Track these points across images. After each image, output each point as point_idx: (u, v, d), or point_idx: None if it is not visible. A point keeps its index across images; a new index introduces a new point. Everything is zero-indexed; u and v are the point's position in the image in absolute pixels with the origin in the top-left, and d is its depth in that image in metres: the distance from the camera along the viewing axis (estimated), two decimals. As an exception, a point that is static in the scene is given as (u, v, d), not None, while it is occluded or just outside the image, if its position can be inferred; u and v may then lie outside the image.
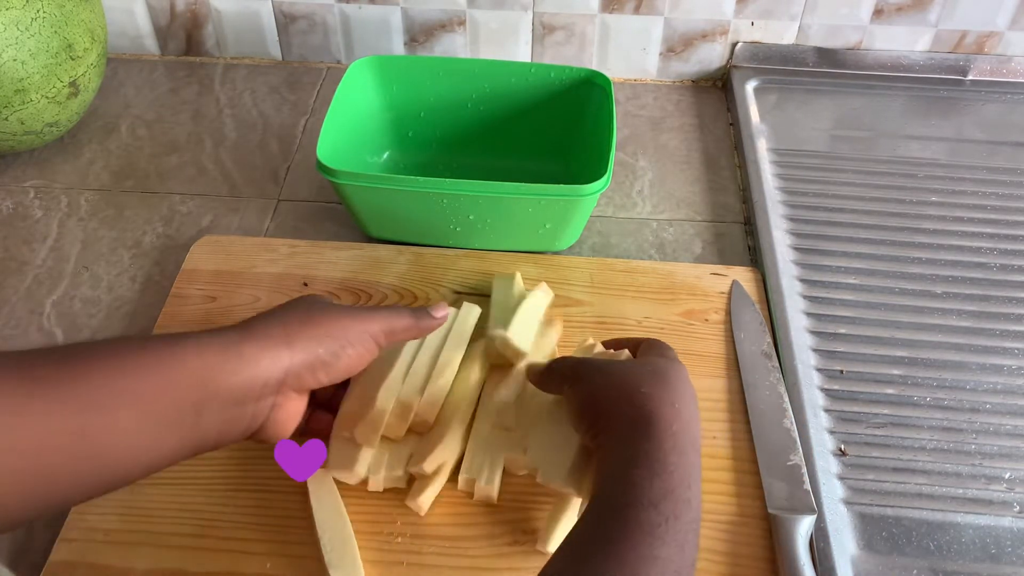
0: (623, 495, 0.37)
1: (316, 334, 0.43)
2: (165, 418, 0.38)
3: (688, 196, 0.71)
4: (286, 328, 0.43)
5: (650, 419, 0.40)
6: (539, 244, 0.64)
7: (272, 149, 0.75)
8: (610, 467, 0.40)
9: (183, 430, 0.39)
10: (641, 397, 0.41)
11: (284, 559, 0.47)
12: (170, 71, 0.84)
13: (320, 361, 0.43)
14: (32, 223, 0.68)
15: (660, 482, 0.37)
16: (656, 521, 0.36)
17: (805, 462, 0.51)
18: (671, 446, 0.39)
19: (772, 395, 0.55)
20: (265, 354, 0.41)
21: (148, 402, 0.37)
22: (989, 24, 0.78)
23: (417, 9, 0.79)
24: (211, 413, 0.40)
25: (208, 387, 0.39)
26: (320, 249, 0.64)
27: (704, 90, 0.83)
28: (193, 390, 0.39)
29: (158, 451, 0.38)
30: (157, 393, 0.38)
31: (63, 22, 0.65)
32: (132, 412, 0.37)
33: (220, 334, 0.41)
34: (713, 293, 0.61)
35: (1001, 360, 0.58)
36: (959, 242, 0.66)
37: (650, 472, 0.38)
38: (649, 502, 0.37)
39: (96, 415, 0.36)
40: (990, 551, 0.49)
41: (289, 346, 0.42)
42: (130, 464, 0.38)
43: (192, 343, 0.40)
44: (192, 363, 0.39)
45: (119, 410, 0.36)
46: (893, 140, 0.75)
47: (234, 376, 0.40)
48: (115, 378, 0.37)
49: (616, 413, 0.42)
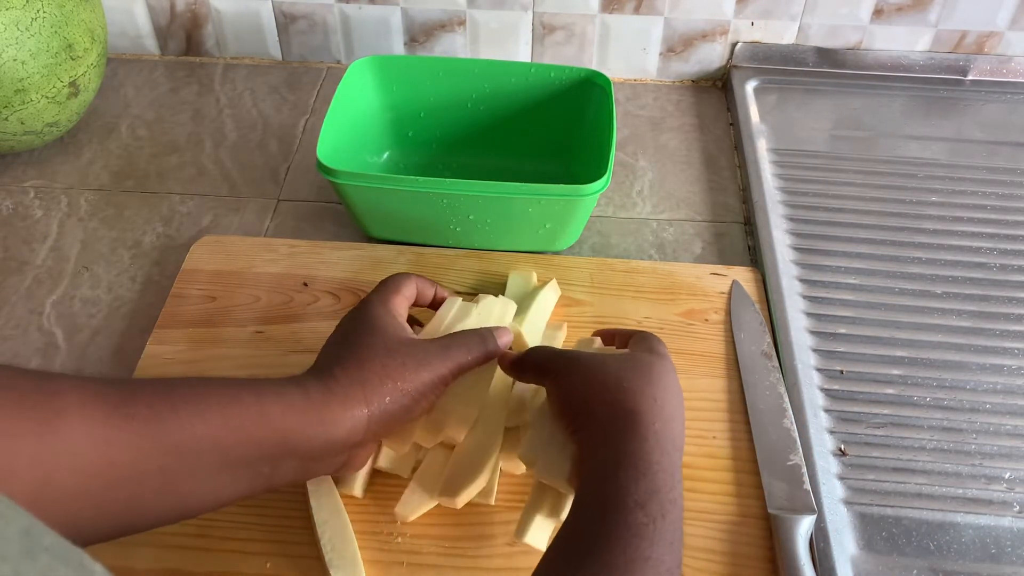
0: (610, 497, 0.37)
1: (393, 390, 0.43)
2: (243, 468, 0.39)
3: (688, 196, 0.71)
4: (363, 386, 0.42)
5: (632, 415, 0.40)
6: (539, 244, 0.64)
7: (272, 149, 0.75)
8: (594, 466, 0.39)
9: (258, 479, 0.40)
10: (622, 392, 0.41)
11: (284, 559, 0.47)
12: (170, 71, 0.84)
13: (396, 419, 0.43)
14: (32, 223, 0.68)
15: (646, 482, 0.37)
16: (644, 522, 0.36)
17: (805, 462, 0.51)
18: (654, 444, 0.39)
19: (772, 395, 0.55)
20: (347, 416, 0.41)
21: (228, 451, 0.38)
22: (989, 24, 0.78)
23: (417, 9, 0.79)
24: (288, 466, 0.41)
25: (288, 444, 0.40)
26: (320, 249, 0.64)
27: (704, 90, 0.83)
28: (274, 447, 0.39)
29: (230, 495, 0.40)
30: (238, 445, 0.38)
31: (63, 22, 0.65)
32: (213, 459, 0.38)
33: (304, 390, 0.41)
34: (713, 293, 0.61)
35: (1001, 360, 0.58)
36: (959, 242, 0.66)
37: (636, 472, 0.38)
38: (636, 503, 0.36)
39: (181, 459, 0.37)
40: (990, 551, 0.49)
41: (368, 405, 0.42)
42: (202, 503, 0.39)
43: (276, 397, 0.40)
44: (275, 421, 0.39)
45: (203, 456, 0.37)
46: (893, 140, 0.75)
47: (315, 438, 0.40)
48: (202, 427, 0.37)
49: (597, 408, 0.41)
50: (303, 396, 0.41)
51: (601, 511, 0.37)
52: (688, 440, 0.52)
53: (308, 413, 0.40)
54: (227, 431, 0.38)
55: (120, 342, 0.59)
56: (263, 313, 0.60)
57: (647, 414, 0.40)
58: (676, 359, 0.56)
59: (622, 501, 0.36)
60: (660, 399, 0.41)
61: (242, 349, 0.57)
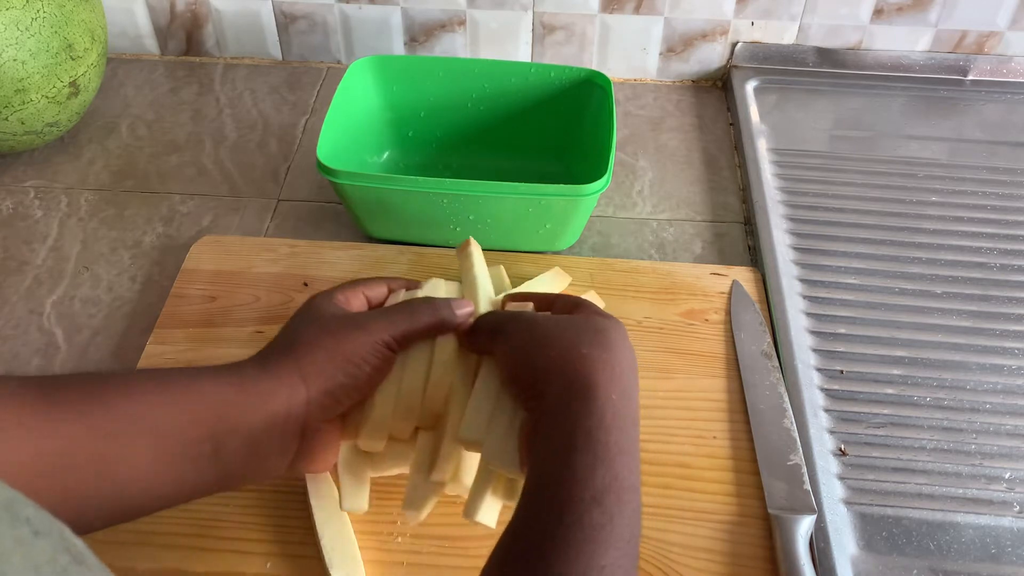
0: (564, 489, 0.34)
1: (328, 359, 0.41)
2: (181, 450, 0.38)
3: (688, 196, 0.71)
4: (297, 360, 0.41)
5: (589, 385, 0.37)
6: (539, 244, 0.64)
7: (272, 149, 0.75)
8: (549, 447, 0.36)
9: (200, 463, 0.38)
10: (580, 358, 0.38)
11: (284, 559, 0.47)
12: (170, 71, 0.84)
13: (340, 386, 0.41)
14: (32, 223, 0.68)
15: (603, 469, 0.34)
16: (600, 522, 0.33)
17: (805, 462, 0.51)
18: (612, 421, 0.36)
19: (772, 395, 0.55)
20: (282, 390, 0.40)
21: (164, 434, 0.37)
22: (989, 24, 0.78)
23: (417, 9, 0.79)
24: (230, 448, 0.39)
25: (226, 422, 0.39)
26: (320, 249, 0.64)
27: (704, 90, 0.83)
28: (210, 424, 0.38)
29: (176, 483, 0.38)
30: (173, 425, 0.37)
31: (63, 22, 0.65)
32: (149, 441, 0.37)
33: (238, 369, 0.41)
34: (713, 293, 0.61)
35: (1001, 360, 0.58)
36: (959, 242, 0.66)
37: (593, 457, 0.35)
38: (592, 498, 0.34)
39: (114, 442, 0.36)
40: (990, 551, 0.49)
41: (304, 378, 0.41)
42: (149, 493, 0.38)
43: (210, 377, 0.39)
44: (209, 397, 0.39)
45: (136, 439, 0.36)
46: (893, 140, 0.75)
47: (252, 412, 0.39)
48: (133, 408, 0.37)
49: (554, 377, 0.38)
50: (236, 373, 0.40)
51: (554, 508, 0.34)
52: (688, 440, 0.52)
53: (243, 387, 0.39)
54: (160, 410, 0.37)
55: (120, 342, 0.59)
56: (263, 313, 0.60)
57: (604, 386, 0.37)
58: (676, 359, 0.57)
59: (578, 496, 0.34)
60: (618, 368, 0.38)
61: (242, 349, 0.57)
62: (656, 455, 0.51)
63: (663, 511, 0.49)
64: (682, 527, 0.48)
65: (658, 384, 0.55)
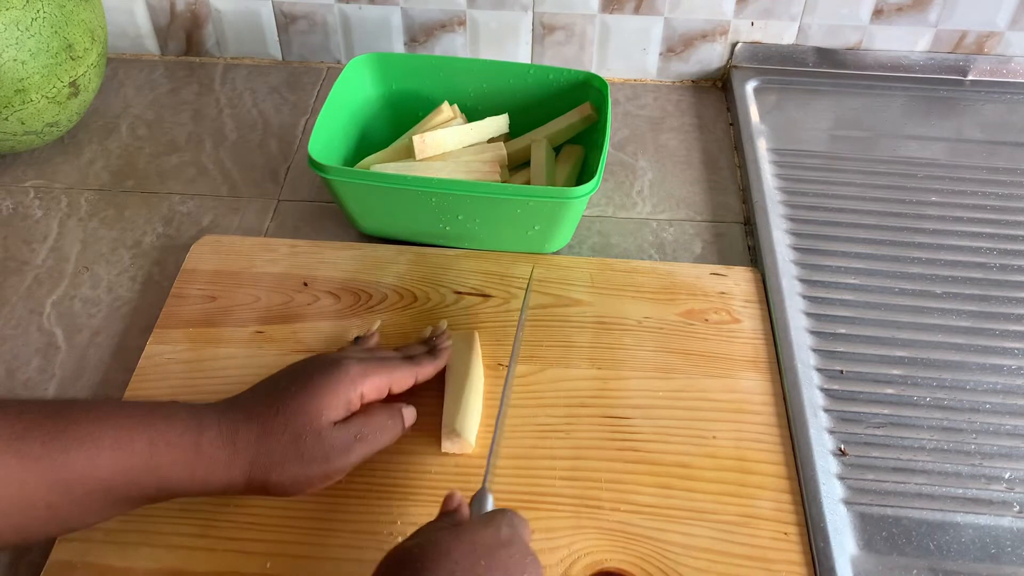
0: None
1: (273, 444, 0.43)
2: (127, 504, 0.42)
3: (688, 196, 0.71)
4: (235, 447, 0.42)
5: None
6: (529, 245, 0.64)
7: (272, 149, 0.75)
8: None
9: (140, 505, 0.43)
10: None
11: (284, 559, 0.47)
12: (170, 71, 0.84)
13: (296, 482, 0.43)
14: (32, 223, 0.68)
15: None
16: None
17: (805, 462, 0.51)
18: None
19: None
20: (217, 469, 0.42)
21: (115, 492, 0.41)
22: (989, 24, 0.78)
23: (417, 9, 0.79)
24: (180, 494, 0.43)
25: (170, 490, 0.42)
26: (320, 249, 0.64)
27: (704, 90, 0.83)
28: (157, 491, 0.42)
29: (123, 512, 0.43)
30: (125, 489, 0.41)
31: (63, 22, 0.65)
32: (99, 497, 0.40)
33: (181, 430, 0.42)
34: (713, 293, 0.61)
35: (1001, 360, 0.58)
36: (959, 242, 0.66)
37: None
38: None
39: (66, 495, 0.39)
40: (990, 551, 0.49)
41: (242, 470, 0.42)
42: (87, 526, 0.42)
43: (166, 450, 0.41)
44: (163, 470, 0.41)
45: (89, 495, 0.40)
46: (893, 140, 0.75)
47: (188, 482, 0.42)
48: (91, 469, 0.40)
49: None
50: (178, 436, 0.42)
51: None
52: (688, 440, 0.52)
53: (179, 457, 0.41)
54: (115, 476, 0.40)
55: (120, 342, 0.59)
56: (263, 313, 0.60)
57: None
58: (676, 359, 0.57)
59: None
60: None
61: (242, 349, 0.57)
62: (656, 455, 0.51)
63: (663, 511, 0.49)
64: (682, 527, 0.48)
65: (658, 384, 0.55)
